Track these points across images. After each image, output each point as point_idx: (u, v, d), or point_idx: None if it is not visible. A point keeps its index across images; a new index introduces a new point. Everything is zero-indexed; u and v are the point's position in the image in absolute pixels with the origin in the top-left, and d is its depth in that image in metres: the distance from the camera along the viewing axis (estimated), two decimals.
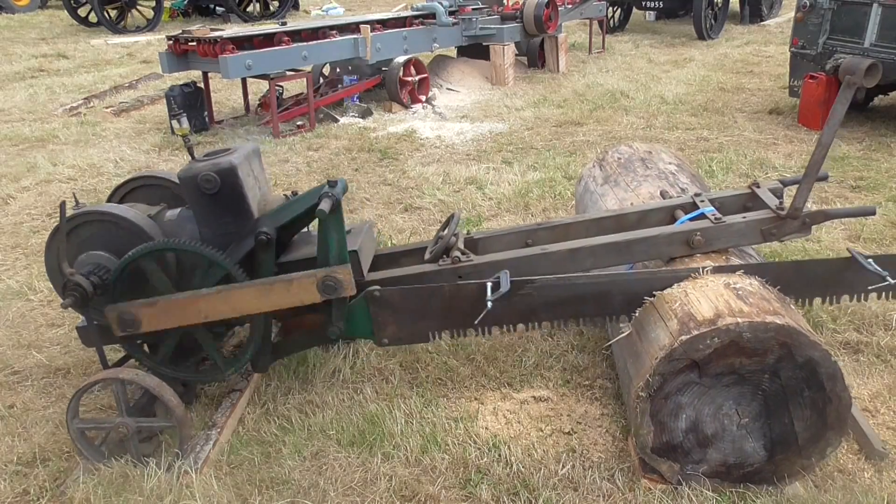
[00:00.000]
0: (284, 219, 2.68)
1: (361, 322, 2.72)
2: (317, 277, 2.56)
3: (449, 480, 2.55)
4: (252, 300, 2.58)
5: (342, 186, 2.62)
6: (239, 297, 2.57)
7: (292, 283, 2.57)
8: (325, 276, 2.56)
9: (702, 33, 12.22)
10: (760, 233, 2.80)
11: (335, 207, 2.52)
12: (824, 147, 2.60)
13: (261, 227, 2.63)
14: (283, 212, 2.69)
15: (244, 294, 2.57)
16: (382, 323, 2.72)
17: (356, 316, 2.71)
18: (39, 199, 5.54)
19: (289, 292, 2.58)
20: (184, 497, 2.46)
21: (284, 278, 2.58)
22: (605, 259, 2.81)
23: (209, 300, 2.58)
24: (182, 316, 2.60)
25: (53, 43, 13.21)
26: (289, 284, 2.57)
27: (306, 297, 2.59)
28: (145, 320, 2.60)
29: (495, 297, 2.53)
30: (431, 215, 5.00)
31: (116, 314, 2.59)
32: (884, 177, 5.35)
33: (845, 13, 6.33)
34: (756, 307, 2.30)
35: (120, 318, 2.60)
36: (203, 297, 2.58)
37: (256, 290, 2.57)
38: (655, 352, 2.31)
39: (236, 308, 2.60)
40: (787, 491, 2.41)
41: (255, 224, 2.66)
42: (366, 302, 2.68)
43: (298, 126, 7.36)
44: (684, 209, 2.95)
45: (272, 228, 2.63)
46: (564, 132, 7.02)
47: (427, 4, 8.86)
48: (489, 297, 2.53)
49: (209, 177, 2.56)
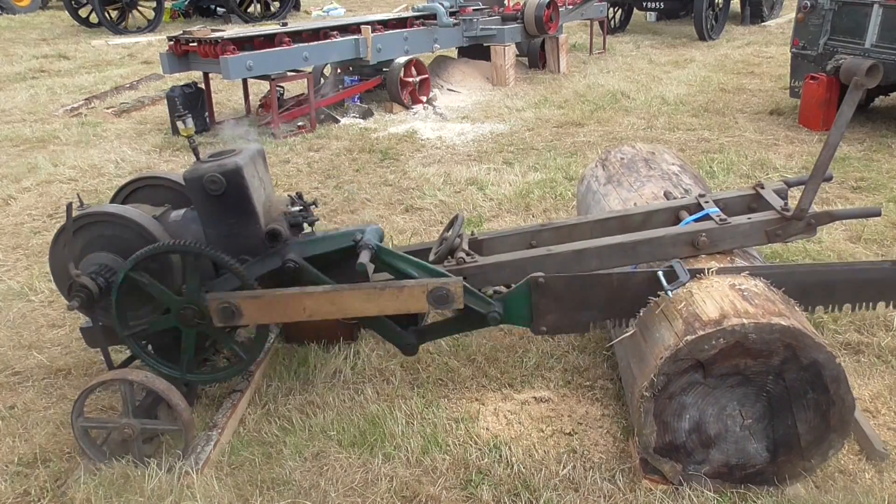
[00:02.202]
0: (312, 252, 2.70)
1: (521, 308, 2.68)
2: (427, 287, 2.55)
3: (450, 481, 2.54)
4: (359, 303, 2.58)
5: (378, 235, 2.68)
6: (347, 298, 2.58)
7: (403, 290, 2.57)
8: (437, 287, 2.55)
9: (703, 34, 12.22)
10: (765, 234, 2.80)
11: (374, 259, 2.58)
12: (831, 148, 2.59)
13: (289, 253, 2.65)
14: (313, 244, 2.72)
15: (352, 296, 2.57)
16: (543, 311, 2.66)
17: (516, 302, 2.67)
18: (40, 199, 5.54)
19: (397, 299, 2.57)
20: (185, 498, 2.45)
21: (396, 285, 2.58)
22: (610, 260, 2.80)
23: (316, 299, 2.58)
24: (285, 312, 2.61)
25: (54, 43, 13.22)
26: (399, 291, 2.57)
27: (414, 306, 2.59)
28: (248, 313, 2.59)
29: (674, 287, 2.47)
30: (432, 216, 5.00)
31: (218, 304, 2.57)
32: (885, 177, 5.35)
33: (846, 14, 6.33)
34: (761, 308, 2.30)
35: (221, 308, 2.57)
36: (309, 296, 2.58)
37: (365, 293, 2.57)
38: (660, 352, 2.31)
39: (342, 309, 2.60)
40: (788, 492, 2.41)
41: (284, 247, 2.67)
42: (528, 288, 2.64)
43: (299, 127, 7.36)
44: (689, 210, 2.95)
45: (300, 258, 2.66)
46: (565, 133, 7.02)
47: (428, 5, 8.87)
48: (667, 287, 2.47)
49: (215, 178, 2.56)
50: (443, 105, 8.30)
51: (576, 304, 2.65)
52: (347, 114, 7.89)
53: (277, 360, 3.28)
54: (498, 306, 2.66)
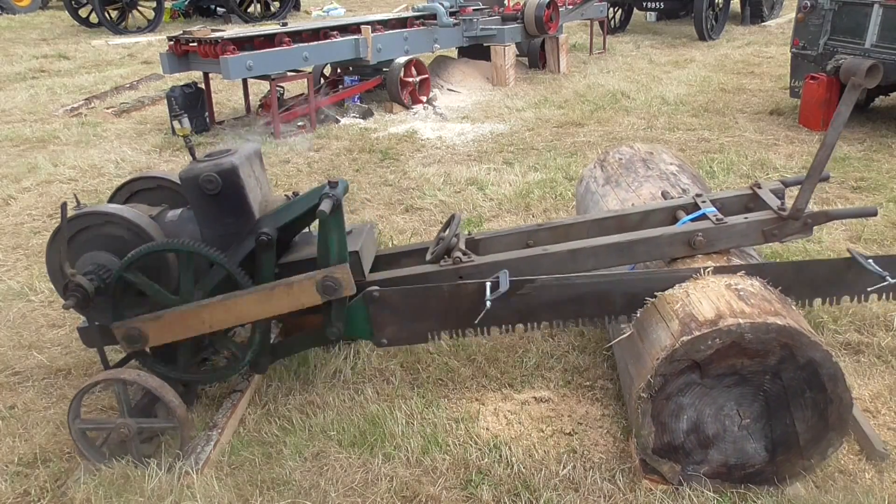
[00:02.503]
0: (285, 219, 2.67)
1: (360, 322, 2.72)
2: (316, 279, 2.56)
3: (450, 481, 2.55)
4: (254, 307, 2.58)
5: (343, 187, 2.62)
6: (241, 304, 2.57)
7: (292, 286, 2.57)
8: (324, 277, 2.55)
9: (703, 34, 12.22)
10: (762, 233, 2.80)
11: (336, 208, 2.51)
12: (828, 148, 2.59)
13: (261, 227, 2.63)
14: (283, 212, 2.69)
15: (246, 301, 2.57)
16: (381, 323, 2.71)
17: (355, 316, 2.71)
18: (40, 199, 5.54)
19: (290, 296, 2.57)
20: (185, 498, 2.46)
21: (284, 282, 2.57)
22: (606, 260, 2.81)
23: (212, 310, 2.57)
24: (187, 328, 2.61)
25: (54, 43, 13.23)
26: (289, 288, 2.57)
27: (307, 300, 2.58)
28: (152, 334, 2.61)
29: (494, 296, 2.53)
30: (432, 216, 5.01)
31: (123, 331, 2.60)
32: (884, 177, 5.35)
33: (846, 14, 6.33)
34: (757, 308, 2.30)
35: (127, 334, 2.61)
36: (206, 308, 2.58)
37: (258, 296, 2.57)
38: (657, 352, 2.31)
39: (240, 316, 2.59)
40: (788, 492, 2.41)
41: (257, 224, 2.65)
42: (364, 302, 2.68)
43: (299, 127, 7.36)
44: (686, 210, 2.95)
45: (273, 229, 2.63)
46: (565, 133, 7.02)
47: (428, 5, 8.87)
48: (488, 296, 2.53)
49: (211, 177, 2.56)
50: (443, 105, 8.30)
51: (413, 316, 2.69)
52: (347, 114, 7.90)
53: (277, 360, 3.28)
54: (338, 323, 2.69)
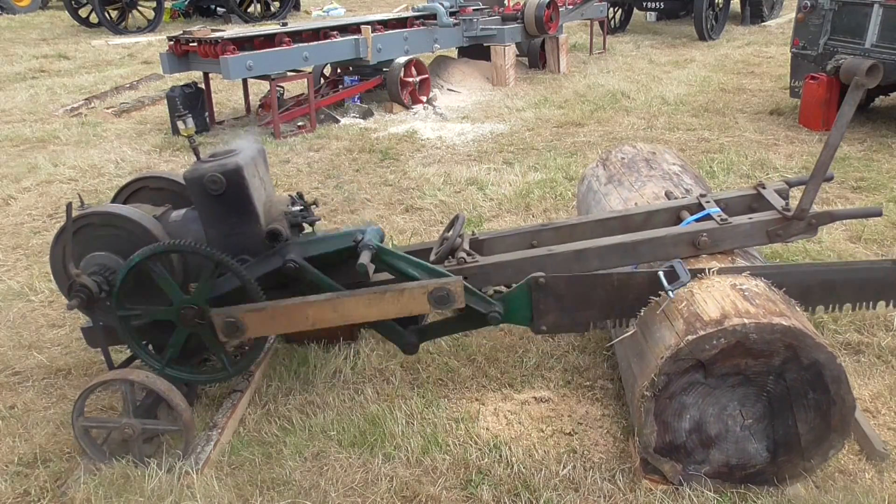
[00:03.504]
0: (313, 252, 2.69)
1: (521, 308, 2.67)
2: (428, 289, 2.55)
3: (450, 481, 2.54)
4: (362, 309, 2.58)
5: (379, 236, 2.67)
6: (349, 305, 2.57)
7: (403, 293, 2.56)
8: (437, 288, 2.55)
9: (703, 34, 12.22)
10: (766, 234, 2.80)
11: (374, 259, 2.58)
12: (832, 148, 2.59)
13: (290, 253, 2.65)
14: (314, 245, 2.71)
15: (354, 303, 2.57)
16: (544, 310, 2.66)
17: (517, 302, 2.66)
18: (40, 199, 5.54)
19: (399, 302, 2.57)
20: (185, 498, 2.45)
21: (396, 288, 2.57)
22: (611, 260, 2.80)
23: (318, 307, 2.57)
24: (289, 322, 2.60)
25: (54, 43, 13.22)
26: (400, 295, 2.56)
27: (416, 308, 2.58)
28: (251, 326, 2.59)
29: (676, 287, 2.47)
30: (432, 216, 5.00)
31: (222, 319, 2.57)
32: (885, 177, 5.35)
33: (846, 14, 6.33)
34: (762, 308, 2.30)
35: (226, 323, 2.58)
36: (312, 304, 2.58)
37: (367, 299, 2.57)
38: (661, 351, 2.31)
39: (345, 316, 2.59)
40: (788, 492, 2.40)
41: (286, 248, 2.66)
42: (528, 288, 2.63)
43: (299, 127, 7.36)
44: (690, 210, 2.95)
45: (300, 258, 2.65)
46: (565, 133, 7.02)
47: (428, 5, 8.87)
48: (667, 287, 2.47)
49: (215, 178, 2.56)
50: (443, 105, 8.30)
51: (576, 304, 2.65)
52: (347, 114, 7.89)
53: (277, 360, 3.28)
54: (498, 306, 2.66)
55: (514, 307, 2.67)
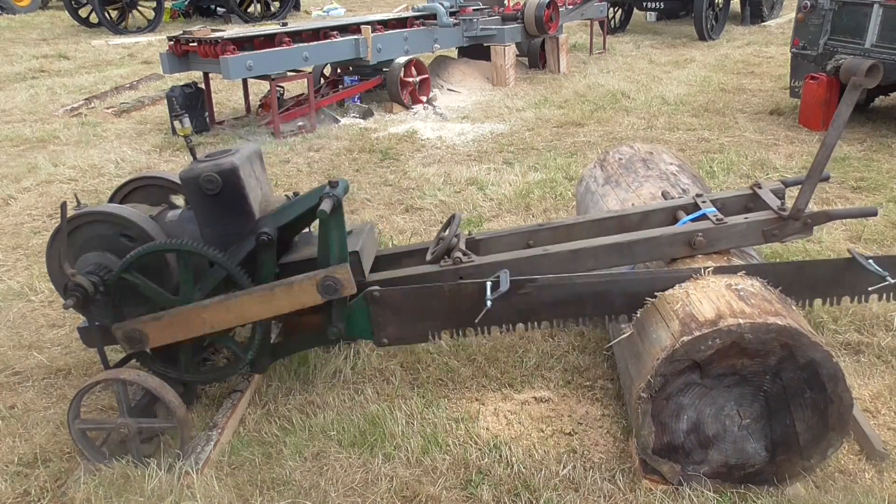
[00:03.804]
0: (286, 219, 2.67)
1: (361, 322, 2.72)
2: (317, 279, 2.56)
3: (450, 481, 2.55)
4: (255, 307, 2.58)
5: (343, 187, 2.62)
6: (242, 304, 2.57)
7: (293, 286, 2.57)
8: (324, 277, 2.55)
9: (703, 34, 12.22)
10: (762, 234, 2.80)
11: (336, 208, 2.52)
12: (828, 148, 2.59)
13: (262, 227, 2.63)
14: (284, 212, 2.69)
15: (247, 301, 2.57)
16: (382, 323, 2.71)
17: (356, 316, 2.71)
18: (40, 199, 5.54)
19: (290, 296, 2.57)
20: (185, 498, 2.46)
21: (285, 282, 2.57)
22: (606, 260, 2.81)
23: (213, 310, 2.58)
24: (187, 328, 2.61)
25: (54, 43, 13.22)
26: (289, 288, 2.57)
27: (308, 300, 2.58)
28: (152, 335, 2.61)
29: (495, 296, 2.53)
30: (432, 216, 5.00)
31: (123, 332, 2.60)
32: (885, 177, 5.35)
33: (846, 14, 6.33)
34: (758, 308, 2.30)
35: (127, 336, 2.61)
36: (207, 308, 2.58)
37: (259, 296, 2.57)
38: (657, 352, 2.31)
39: (240, 316, 2.59)
40: (788, 492, 2.41)
41: (257, 224, 2.65)
42: (365, 302, 2.68)
43: (299, 127, 7.36)
44: (686, 210, 2.95)
45: (273, 229, 2.63)
46: (565, 133, 7.02)
47: (428, 5, 8.87)
48: (489, 296, 2.53)
49: (211, 177, 2.56)
50: (443, 105, 8.30)
51: (413, 316, 2.69)
52: (347, 114, 7.90)
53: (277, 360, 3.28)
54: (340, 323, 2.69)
55: (353, 322, 2.72)
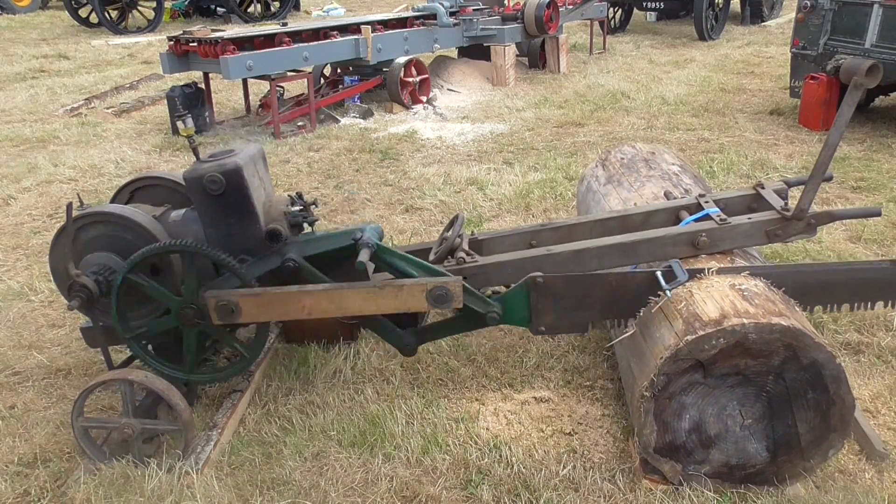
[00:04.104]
0: (312, 251, 2.70)
1: (520, 309, 2.67)
2: (426, 286, 2.55)
3: (450, 481, 2.54)
4: (360, 302, 2.58)
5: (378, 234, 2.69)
6: (347, 297, 2.57)
7: (402, 289, 2.56)
8: (436, 287, 2.55)
9: (703, 34, 12.22)
10: (765, 234, 2.80)
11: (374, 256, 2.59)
12: (831, 148, 2.59)
13: (289, 252, 2.66)
14: (312, 244, 2.72)
15: (352, 295, 2.57)
16: (542, 311, 2.66)
17: (515, 302, 2.66)
18: (40, 199, 5.54)
19: (397, 298, 2.57)
20: (185, 498, 2.45)
21: (395, 283, 2.58)
22: (610, 260, 2.80)
23: (315, 297, 2.57)
24: (284, 310, 2.60)
25: (54, 43, 13.22)
26: (399, 290, 2.56)
27: (414, 305, 2.58)
28: (246, 311, 2.58)
29: (674, 286, 2.46)
30: (432, 216, 5.00)
31: (216, 301, 2.56)
32: (885, 177, 5.35)
33: (846, 14, 6.33)
34: (762, 308, 2.30)
35: (219, 305, 2.56)
36: (309, 294, 2.58)
37: (365, 292, 2.57)
38: (660, 351, 2.31)
39: (341, 307, 2.59)
40: (788, 492, 2.41)
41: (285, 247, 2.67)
42: (526, 288, 2.63)
43: (299, 127, 7.36)
44: (689, 210, 2.95)
45: (300, 257, 2.66)
46: (565, 133, 7.02)
47: (428, 5, 8.87)
48: (665, 286, 2.47)
49: (215, 178, 2.56)
50: (443, 105, 8.30)
51: (574, 304, 2.64)
52: (347, 114, 7.89)
53: (277, 360, 3.28)
54: (496, 306, 2.65)
55: (511, 308, 2.67)
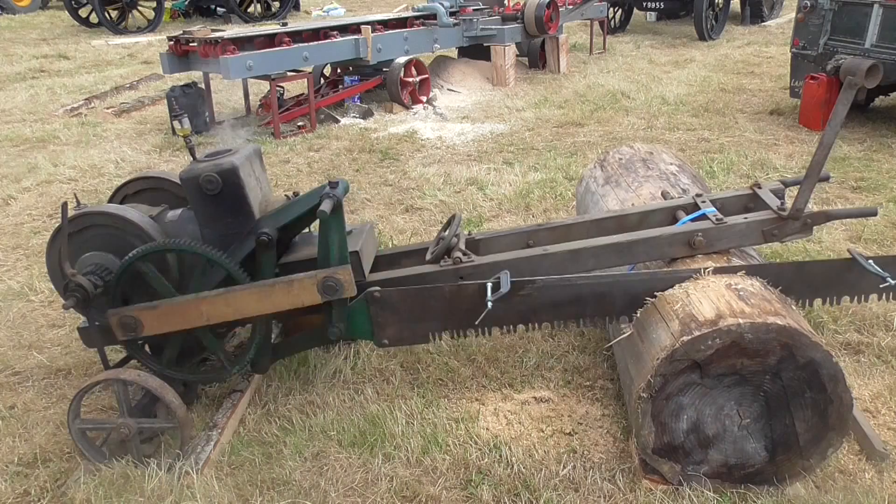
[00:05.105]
0: (285, 219, 2.68)
1: (362, 323, 2.72)
2: (317, 278, 2.56)
3: (450, 481, 2.55)
4: (253, 302, 2.58)
5: (343, 187, 2.62)
6: (240, 299, 2.57)
7: (293, 284, 2.57)
8: (325, 277, 2.56)
9: (703, 34, 12.21)
10: (762, 233, 2.80)
11: (336, 208, 2.52)
12: (826, 147, 2.59)
13: (262, 227, 2.63)
14: (284, 212, 2.69)
15: (245, 296, 2.57)
16: (383, 324, 2.71)
17: (356, 317, 2.71)
18: (40, 199, 5.54)
19: (290, 294, 2.57)
20: (185, 498, 2.46)
21: (285, 280, 2.58)
22: (606, 260, 2.81)
23: (211, 303, 2.58)
24: (184, 319, 2.60)
25: (54, 43, 13.22)
26: (289, 286, 2.57)
27: (307, 299, 2.58)
28: (147, 324, 2.60)
29: (495, 297, 2.52)
30: (432, 216, 5.00)
31: (118, 318, 2.59)
32: (885, 177, 5.35)
33: (846, 14, 6.33)
34: (757, 308, 2.30)
35: (121, 322, 2.60)
36: (205, 300, 2.58)
37: (257, 292, 2.57)
38: (657, 352, 2.31)
39: (238, 310, 2.59)
40: (788, 492, 2.41)
41: (257, 224, 2.66)
42: (366, 303, 2.68)
43: (299, 127, 7.36)
44: (686, 210, 2.95)
45: (273, 229, 2.63)
46: (565, 133, 7.02)
47: (428, 5, 8.87)
48: (489, 297, 2.53)
49: (211, 177, 2.57)
50: (443, 105, 8.30)
51: (414, 316, 2.69)
52: (347, 114, 7.90)
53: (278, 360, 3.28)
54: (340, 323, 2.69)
55: (354, 322, 2.71)
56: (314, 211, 2.54)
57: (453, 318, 2.68)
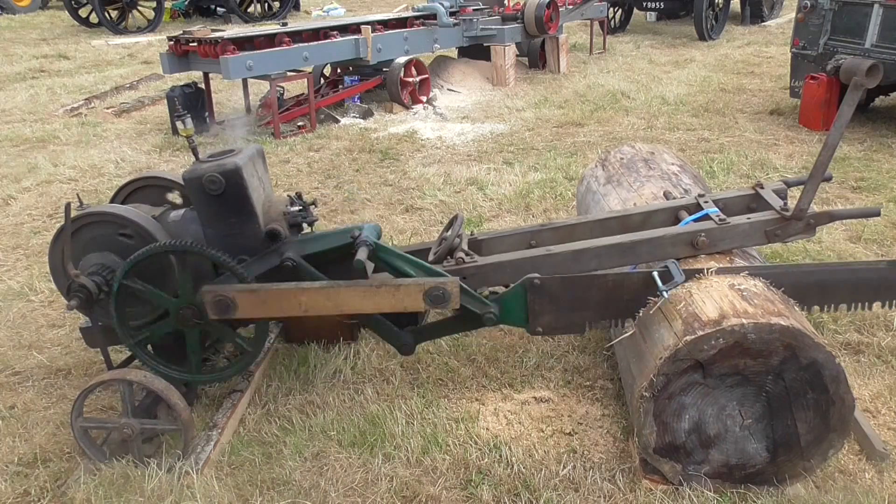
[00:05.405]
0: (311, 250, 2.71)
1: (516, 309, 2.67)
2: (424, 287, 2.54)
3: (450, 481, 2.55)
4: (356, 300, 2.57)
5: (376, 232, 2.68)
6: (344, 295, 2.57)
7: (399, 288, 2.56)
8: (433, 287, 2.54)
9: (703, 34, 12.22)
10: (765, 234, 2.80)
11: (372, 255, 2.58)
12: (830, 148, 2.59)
13: (288, 251, 2.66)
14: (311, 243, 2.73)
15: (350, 293, 2.57)
16: (539, 311, 2.66)
17: (512, 303, 2.67)
18: (40, 199, 5.54)
19: (394, 297, 2.56)
20: (185, 498, 2.45)
21: (393, 283, 2.58)
22: (609, 260, 2.80)
23: (312, 295, 2.57)
24: (280, 307, 2.59)
25: (54, 43, 13.21)
26: (395, 290, 2.56)
27: (411, 304, 2.58)
28: (243, 306, 2.57)
29: (670, 287, 2.47)
30: (432, 216, 5.00)
31: (213, 296, 2.55)
32: (885, 177, 5.35)
33: (846, 14, 6.33)
34: (761, 308, 2.30)
35: (216, 301, 2.55)
36: (305, 291, 2.57)
37: (362, 291, 2.57)
38: (660, 352, 2.31)
39: (338, 305, 2.59)
40: (789, 492, 2.41)
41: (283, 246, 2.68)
42: (524, 289, 2.64)
43: (299, 127, 7.36)
44: (688, 210, 2.95)
45: (298, 256, 2.66)
46: (565, 133, 7.02)
47: (428, 5, 8.87)
48: (662, 287, 2.47)
49: (214, 178, 2.56)
50: (443, 105, 8.30)
51: (571, 305, 2.65)
52: (347, 114, 7.89)
53: (277, 360, 3.28)
54: (494, 307, 2.66)
55: (509, 308, 2.67)
56: (341, 249, 2.64)
57: (612, 308, 2.64)
